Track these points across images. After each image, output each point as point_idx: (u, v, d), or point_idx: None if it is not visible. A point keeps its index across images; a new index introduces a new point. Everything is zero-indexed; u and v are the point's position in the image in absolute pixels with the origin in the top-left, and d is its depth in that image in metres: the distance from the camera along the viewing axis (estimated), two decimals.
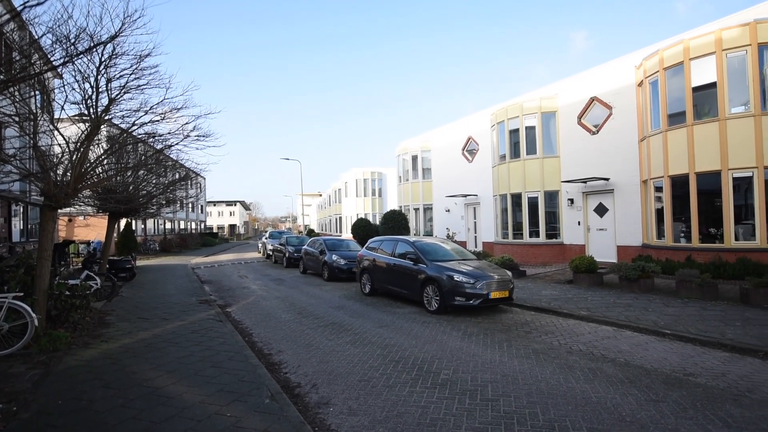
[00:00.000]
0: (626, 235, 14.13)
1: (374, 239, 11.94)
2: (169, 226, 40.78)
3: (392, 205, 32.63)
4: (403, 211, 25.27)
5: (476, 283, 8.30)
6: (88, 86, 6.85)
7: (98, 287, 9.93)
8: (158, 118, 7.99)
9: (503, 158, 17.75)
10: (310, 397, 4.59)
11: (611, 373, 5.08)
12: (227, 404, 4.20)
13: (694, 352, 5.85)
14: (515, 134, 17.34)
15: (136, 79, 7.21)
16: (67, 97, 7.00)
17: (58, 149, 7.96)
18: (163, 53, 16.36)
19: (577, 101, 15.83)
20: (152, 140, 9.26)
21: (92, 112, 7.04)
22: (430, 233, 24.52)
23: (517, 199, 17.13)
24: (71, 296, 7.35)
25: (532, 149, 16.82)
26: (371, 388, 4.76)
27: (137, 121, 7.71)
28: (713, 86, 11.08)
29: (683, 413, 3.98)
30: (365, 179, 37.94)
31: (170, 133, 8.40)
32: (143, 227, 34.09)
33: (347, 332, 7.32)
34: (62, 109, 7.06)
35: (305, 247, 17.62)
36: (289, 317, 8.78)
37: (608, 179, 14.56)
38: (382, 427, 3.84)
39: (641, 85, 13.35)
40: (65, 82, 7.03)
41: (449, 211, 22.98)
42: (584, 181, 14.99)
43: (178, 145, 8.68)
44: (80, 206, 12.46)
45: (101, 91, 7.00)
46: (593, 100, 15.27)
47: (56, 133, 7.36)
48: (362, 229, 25.27)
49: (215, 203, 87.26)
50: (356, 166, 59.61)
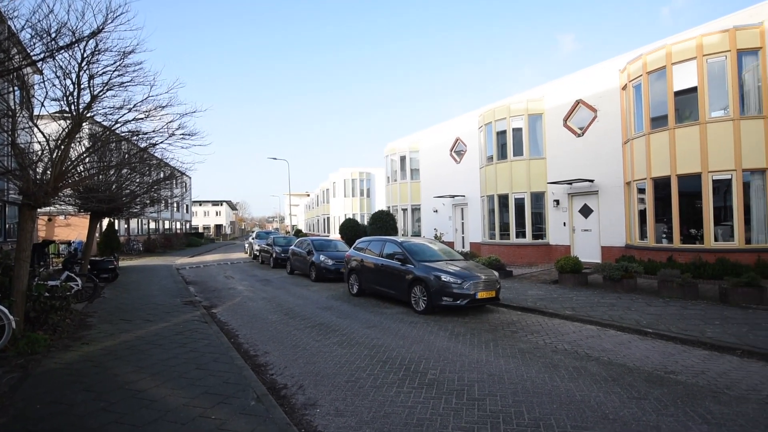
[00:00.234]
0: (610, 235, 14.37)
1: (362, 239, 11.92)
2: (153, 226, 40.11)
3: (380, 205, 32.64)
4: (391, 211, 25.29)
5: (463, 283, 8.35)
6: (69, 82, 6.69)
7: (79, 288, 9.72)
8: (142, 115, 7.85)
9: (490, 159, 17.90)
10: (296, 398, 4.56)
11: (595, 371, 5.16)
12: (212, 407, 4.14)
13: (675, 350, 5.98)
14: (502, 136, 17.51)
15: (119, 76, 7.06)
16: (47, 93, 6.83)
17: (37, 146, 7.76)
18: (147, 50, 16.06)
19: (563, 103, 16.05)
20: (136, 138, 9.09)
21: (74, 109, 6.88)
22: (418, 234, 24.59)
23: (504, 200, 17.30)
24: (51, 298, 7.17)
25: (518, 151, 17.00)
26: (358, 388, 4.75)
27: (120, 118, 7.55)
28: (694, 91, 11.35)
29: (664, 410, 4.06)
30: (353, 179, 37.87)
31: (155, 131, 8.25)
32: (126, 227, 33.47)
33: (335, 333, 7.29)
34: (42, 105, 6.88)
35: (292, 247, 17.51)
36: (275, 318, 8.70)
37: (593, 181, 14.80)
38: (369, 427, 3.83)
39: (625, 88, 13.60)
40: (45, 77, 6.85)
41: (437, 211, 23.07)
42: (569, 182, 15.21)
43: (162, 143, 8.51)
44: (61, 205, 12.14)
45: (83, 87, 6.84)
46: (579, 102, 15.51)
47: (36, 130, 7.16)
48: (350, 229, 25.21)
49: (201, 203, 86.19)
50: (344, 166, 59.60)
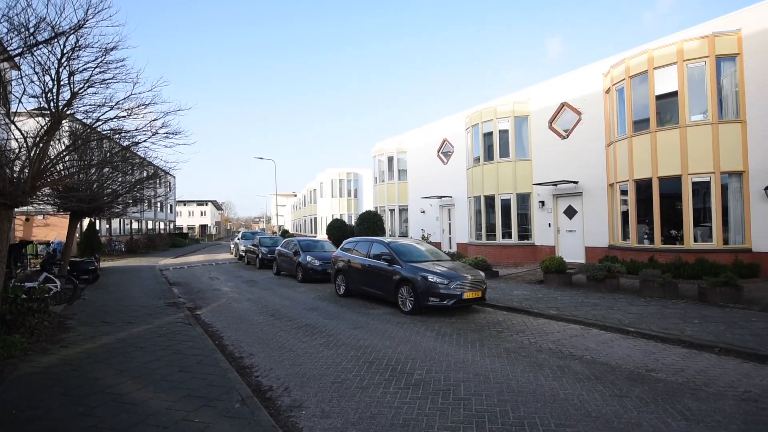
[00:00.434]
0: (594, 236, 14.62)
1: (349, 240, 11.89)
2: (136, 226, 39.34)
3: (368, 205, 32.62)
4: (378, 212, 25.29)
5: (450, 283, 8.39)
6: (48, 79, 6.52)
7: (58, 290, 9.48)
8: (125, 113, 7.67)
9: (477, 161, 18.05)
10: (282, 400, 4.51)
11: (578, 370, 5.24)
12: (195, 410, 4.07)
13: (655, 348, 6.10)
14: (489, 137, 17.66)
15: (101, 72, 6.91)
16: (25, 89, 6.63)
17: (15, 144, 7.54)
18: (130, 47, 15.78)
19: (548, 106, 16.27)
20: (118, 137, 8.90)
21: (53, 106, 6.70)
22: (405, 234, 24.64)
23: (490, 201, 17.45)
24: (28, 300, 6.97)
25: (505, 152, 17.17)
26: (344, 390, 4.73)
27: (102, 116, 7.39)
28: (675, 95, 11.63)
29: (645, 407, 4.14)
30: (341, 180, 37.78)
31: (137, 129, 8.09)
32: (108, 227, 32.76)
33: (321, 334, 7.25)
34: (20, 102, 6.69)
35: (279, 248, 17.36)
36: (261, 319, 8.62)
37: (577, 182, 15.04)
38: (355, 428, 3.82)
39: (609, 92, 13.86)
40: (23, 73, 6.66)
41: (424, 212, 23.15)
42: (554, 184, 15.42)
43: (145, 142, 8.35)
44: (39, 205, 11.82)
45: (63, 84, 6.67)
46: (564, 105, 15.74)
47: (13, 127, 6.96)
48: (337, 229, 25.13)
49: (186, 203, 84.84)
50: (332, 166, 59.38)
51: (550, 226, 16.15)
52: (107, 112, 7.37)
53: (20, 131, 6.71)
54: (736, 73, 11.17)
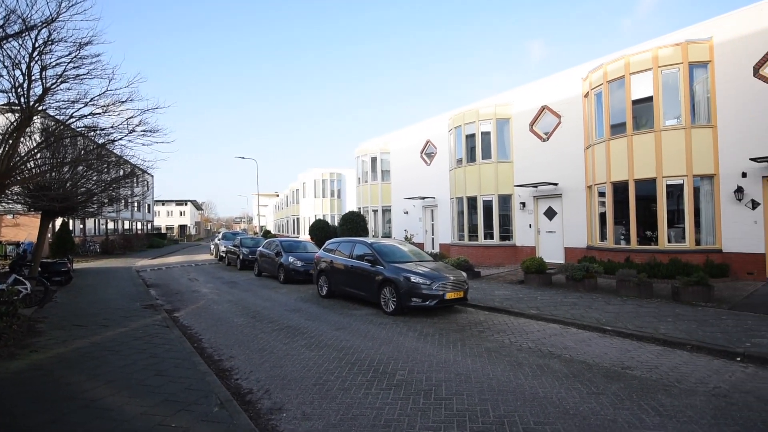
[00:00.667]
0: (573, 237, 14.92)
1: (332, 241, 11.83)
2: (111, 226, 38.27)
3: (351, 206, 32.52)
4: (362, 212, 25.24)
5: (432, 284, 8.43)
6: (18, 73, 6.31)
7: (28, 292, 9.15)
8: (100, 110, 7.48)
9: (460, 162, 18.21)
10: (262, 403, 4.45)
11: (557, 368, 5.33)
12: (172, 414, 3.98)
13: (631, 346, 6.26)
14: (471, 139, 17.85)
15: (75, 68, 6.72)
16: None
17: None
18: (106, 42, 15.34)
19: (529, 109, 16.54)
20: (93, 134, 8.66)
21: (24, 101, 6.47)
22: (388, 235, 24.66)
23: (472, 202, 17.63)
24: None
25: (487, 154, 17.37)
26: (326, 391, 4.70)
27: (76, 113, 7.20)
28: (650, 100, 11.97)
29: (620, 404, 4.24)
30: (324, 180, 37.55)
31: (113, 127, 7.91)
32: (82, 227, 31.79)
33: (303, 335, 7.19)
34: None
35: (260, 248, 17.14)
36: (241, 321, 8.49)
37: (557, 184, 15.32)
38: (336, 430, 3.80)
39: (587, 96, 14.17)
40: None
41: (407, 213, 23.23)
42: (535, 185, 15.68)
43: (122, 139, 8.17)
44: (8, 204, 11.39)
45: (34, 79, 6.45)
46: (544, 108, 16.02)
47: None
48: (320, 230, 24.98)
49: (164, 202, 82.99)
50: (315, 166, 59.00)
51: (530, 227, 16.40)
52: (81, 108, 7.18)
53: None
54: (707, 79, 11.57)
